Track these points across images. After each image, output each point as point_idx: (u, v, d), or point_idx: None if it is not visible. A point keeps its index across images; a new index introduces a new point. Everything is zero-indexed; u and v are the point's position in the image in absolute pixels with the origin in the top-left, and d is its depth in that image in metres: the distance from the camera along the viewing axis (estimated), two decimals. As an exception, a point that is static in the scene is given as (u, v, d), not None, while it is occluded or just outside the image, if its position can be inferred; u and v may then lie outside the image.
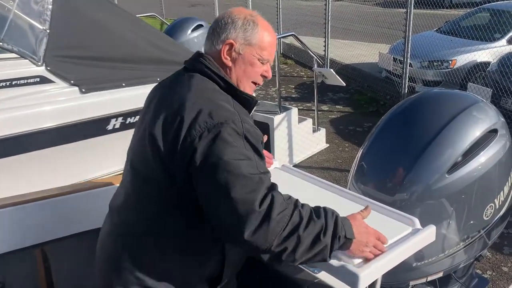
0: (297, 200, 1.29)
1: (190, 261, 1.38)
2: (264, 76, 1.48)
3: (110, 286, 1.41)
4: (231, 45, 1.41)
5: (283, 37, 8.05)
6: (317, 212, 1.29)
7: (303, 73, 8.83)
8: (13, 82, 3.19)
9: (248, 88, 1.47)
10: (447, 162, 1.77)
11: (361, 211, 1.43)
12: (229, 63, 1.43)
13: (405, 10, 6.07)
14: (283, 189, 1.78)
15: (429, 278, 1.89)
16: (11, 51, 3.21)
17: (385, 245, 1.38)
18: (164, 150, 1.29)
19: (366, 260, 1.31)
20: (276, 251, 1.19)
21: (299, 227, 1.21)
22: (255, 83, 1.48)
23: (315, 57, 5.35)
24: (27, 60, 3.25)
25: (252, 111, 1.54)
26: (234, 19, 1.42)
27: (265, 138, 1.85)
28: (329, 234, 1.25)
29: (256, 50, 1.43)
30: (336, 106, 6.86)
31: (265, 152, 1.81)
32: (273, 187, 1.26)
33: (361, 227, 1.35)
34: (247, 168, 1.22)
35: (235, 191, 1.19)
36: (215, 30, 1.44)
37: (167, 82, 1.50)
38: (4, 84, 3.19)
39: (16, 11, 3.30)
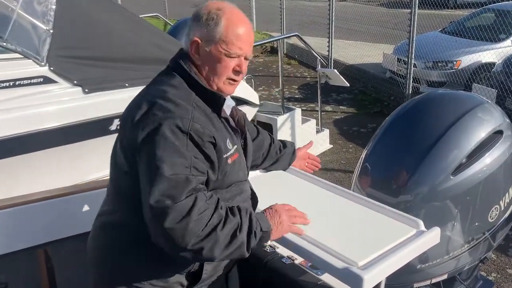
0: (218, 199, 1.31)
1: (165, 254, 1.35)
2: (237, 71, 1.43)
3: (94, 277, 1.48)
4: (197, 43, 1.40)
5: (286, 37, 8.05)
6: (233, 210, 1.32)
7: (307, 74, 8.81)
8: (17, 82, 3.19)
9: (222, 86, 1.44)
10: (452, 164, 1.75)
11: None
12: (198, 61, 1.41)
13: (409, 10, 6.04)
14: (286, 190, 1.78)
15: (434, 280, 1.88)
16: (15, 51, 3.21)
17: (389, 247, 1.37)
18: (123, 140, 1.37)
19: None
20: (193, 249, 1.22)
21: (217, 227, 1.25)
22: (231, 80, 1.44)
23: (319, 58, 5.33)
24: (31, 60, 3.25)
25: (231, 109, 1.53)
26: (199, 15, 1.40)
27: (311, 144, 2.06)
28: (245, 231, 1.29)
29: (222, 46, 1.38)
30: (340, 107, 6.84)
31: (311, 155, 2.02)
32: (199, 189, 1.27)
33: (276, 215, 1.41)
34: (176, 166, 1.24)
35: (159, 186, 1.22)
36: (188, 27, 1.44)
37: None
38: (7, 84, 3.19)
39: (19, 11, 3.31)
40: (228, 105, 1.53)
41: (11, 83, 3.19)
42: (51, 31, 3.35)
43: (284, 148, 1.93)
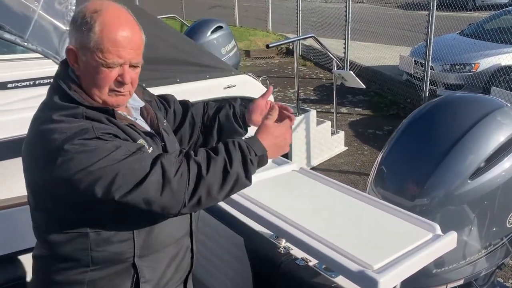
0: (187, 151, 1.26)
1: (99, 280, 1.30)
2: (119, 82, 1.25)
3: None
4: (73, 52, 1.24)
5: (302, 38, 8.03)
6: (215, 149, 1.26)
7: (322, 75, 8.78)
8: (37, 82, 3.25)
9: (107, 98, 1.27)
10: (469, 168, 1.73)
11: (268, 114, 1.42)
12: (78, 72, 1.26)
13: (427, 12, 5.98)
14: (300, 192, 1.77)
15: (449, 286, 1.85)
16: (35, 51, 3.27)
17: (405, 251, 1.36)
18: (32, 184, 1.27)
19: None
20: (192, 204, 1.20)
21: (201, 173, 1.20)
22: (116, 91, 1.27)
23: (335, 59, 5.32)
24: (50, 60, 3.31)
25: (140, 111, 1.43)
26: (74, 19, 1.24)
27: (270, 90, 1.75)
28: (237, 163, 1.24)
29: (97, 54, 1.21)
30: (356, 109, 6.80)
31: (272, 104, 1.62)
32: (156, 155, 1.21)
33: (271, 135, 1.35)
34: (117, 156, 1.14)
35: (118, 182, 1.13)
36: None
37: None
38: (28, 83, 3.25)
39: (40, 11, 3.37)
40: (135, 108, 1.42)
41: (32, 82, 3.25)
42: (71, 31, 3.40)
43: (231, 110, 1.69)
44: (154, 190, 1.16)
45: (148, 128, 1.41)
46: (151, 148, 1.30)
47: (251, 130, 1.51)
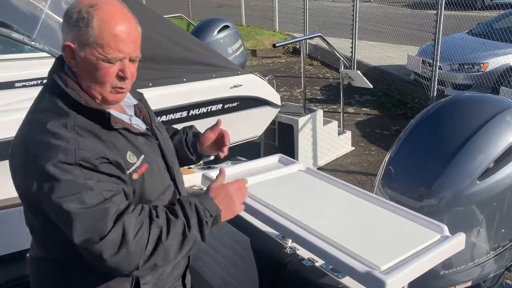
0: (150, 209, 1.21)
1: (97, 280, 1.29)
2: (121, 77, 1.25)
3: None
4: (70, 48, 1.21)
5: (309, 38, 8.01)
6: (174, 211, 1.23)
7: (329, 75, 8.76)
8: (44, 81, 3.27)
9: (108, 95, 1.26)
10: (478, 168, 1.71)
11: (217, 176, 1.42)
12: (75, 69, 1.23)
13: (435, 11, 5.94)
14: (307, 192, 1.77)
15: (457, 287, 1.84)
16: (42, 50, 3.29)
17: (413, 252, 1.34)
18: (17, 188, 1.24)
19: None
20: (145, 267, 1.16)
21: (161, 237, 1.17)
22: (117, 88, 1.26)
23: (342, 59, 5.30)
24: (58, 59, 3.33)
25: (134, 109, 1.42)
26: (69, 15, 1.20)
27: (220, 122, 1.70)
28: (194, 226, 1.22)
29: (97, 50, 1.19)
30: (363, 109, 6.77)
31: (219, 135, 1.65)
32: (121, 210, 1.15)
33: (220, 195, 1.32)
34: (85, 201, 1.11)
35: (77, 228, 1.10)
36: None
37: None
38: (36, 82, 3.28)
39: (48, 11, 3.38)
40: (129, 105, 1.41)
41: (39, 81, 3.28)
42: (78, 31, 3.42)
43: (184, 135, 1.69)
44: (110, 248, 1.12)
45: (143, 126, 1.41)
46: (141, 157, 1.28)
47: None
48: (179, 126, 1.76)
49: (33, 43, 3.25)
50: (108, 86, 1.25)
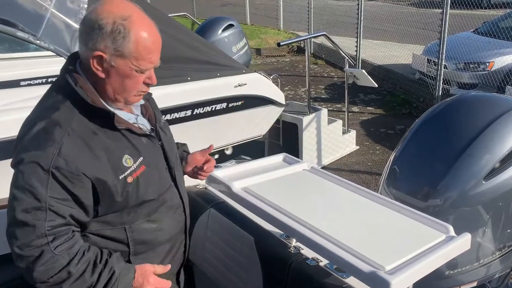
0: (78, 251, 1.25)
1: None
2: (147, 84, 1.34)
3: None
4: (100, 57, 1.25)
5: (314, 37, 7.99)
6: (95, 267, 1.27)
7: (334, 74, 8.73)
8: (49, 79, 3.28)
9: (132, 99, 1.35)
10: (484, 168, 1.70)
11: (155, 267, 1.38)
12: (102, 75, 1.28)
13: (440, 10, 5.91)
14: (311, 191, 1.76)
15: (462, 288, 1.83)
16: (48, 49, 3.30)
17: (418, 252, 1.33)
18: None
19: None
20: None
21: (64, 282, 1.22)
22: (141, 91, 1.36)
23: (347, 57, 5.28)
24: (63, 58, 3.33)
25: (141, 109, 1.46)
26: (101, 24, 1.23)
27: (211, 148, 1.72)
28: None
29: (132, 62, 1.26)
30: (367, 108, 6.75)
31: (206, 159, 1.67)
32: (50, 234, 1.21)
33: (140, 280, 1.32)
34: (26, 209, 1.19)
35: (9, 226, 1.20)
36: (82, 34, 1.27)
37: None
38: (40, 81, 3.28)
39: (53, 10, 3.39)
40: (136, 105, 1.46)
41: (44, 80, 3.28)
42: (83, 29, 3.43)
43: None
44: (20, 260, 1.21)
45: (148, 127, 1.45)
46: (139, 159, 1.33)
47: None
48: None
49: (38, 41, 3.26)
50: (135, 92, 1.33)
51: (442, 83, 6.15)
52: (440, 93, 6.14)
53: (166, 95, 3.41)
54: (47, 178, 1.19)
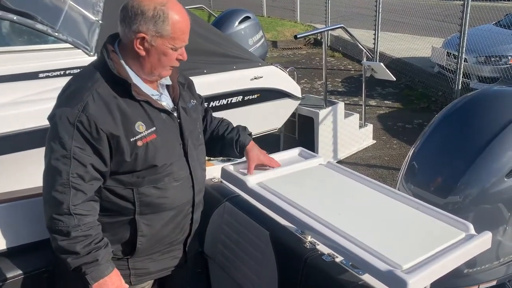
0: (87, 223, 1.43)
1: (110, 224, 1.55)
2: (179, 60, 1.56)
3: None
4: (143, 38, 1.47)
5: (331, 29, 7.91)
6: (88, 245, 1.43)
7: (351, 67, 8.64)
8: (67, 71, 3.30)
9: (165, 73, 1.57)
10: (506, 165, 1.66)
11: None
12: (143, 53, 1.50)
13: (461, 2, 5.79)
14: (327, 186, 1.74)
15: (481, 286, 1.80)
16: (66, 41, 3.32)
17: (436, 251, 1.31)
18: None
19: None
20: (47, 225, 1.44)
21: (61, 237, 1.41)
22: (173, 66, 1.57)
23: (365, 50, 5.21)
24: (80, 50, 3.35)
25: (166, 88, 1.64)
26: (143, 10, 1.45)
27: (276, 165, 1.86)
28: (74, 255, 1.42)
29: (168, 41, 1.48)
30: (385, 101, 6.67)
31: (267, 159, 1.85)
32: (71, 190, 1.40)
33: (109, 280, 1.47)
34: (54, 154, 1.41)
35: (45, 167, 1.44)
36: (125, 18, 1.47)
37: None
38: (59, 73, 3.31)
39: (71, 2, 3.41)
40: (162, 84, 1.64)
41: (62, 72, 3.31)
42: (100, 22, 3.44)
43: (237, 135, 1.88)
44: (48, 203, 1.44)
45: (170, 104, 1.63)
46: (152, 128, 1.50)
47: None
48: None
49: (56, 34, 3.28)
50: (168, 67, 1.55)
51: (462, 77, 6.03)
52: (459, 87, 6.03)
53: (182, 88, 3.41)
54: (73, 130, 1.41)
